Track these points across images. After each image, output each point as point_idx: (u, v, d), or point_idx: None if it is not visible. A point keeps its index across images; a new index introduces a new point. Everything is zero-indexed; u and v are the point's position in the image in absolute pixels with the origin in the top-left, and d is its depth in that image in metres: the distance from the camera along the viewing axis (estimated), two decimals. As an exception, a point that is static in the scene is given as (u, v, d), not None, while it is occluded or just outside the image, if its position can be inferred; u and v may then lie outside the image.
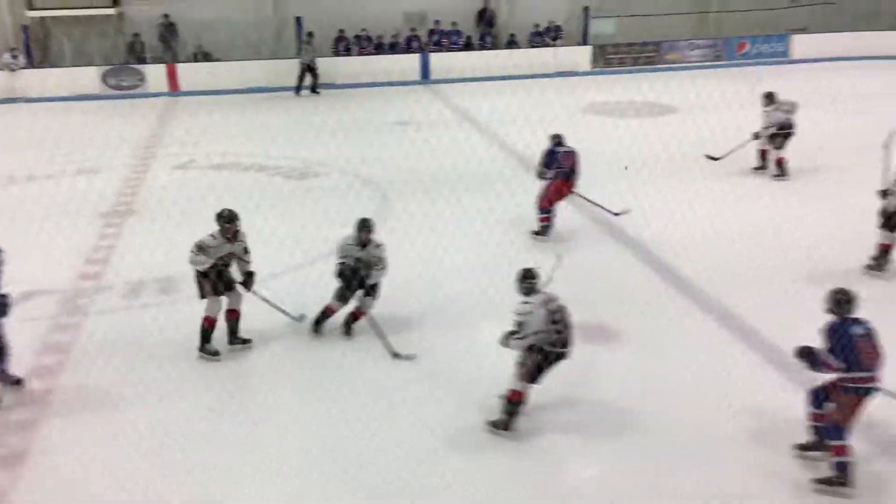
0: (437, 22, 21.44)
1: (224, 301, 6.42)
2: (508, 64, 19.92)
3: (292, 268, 8.20)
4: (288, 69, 18.71)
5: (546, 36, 22.02)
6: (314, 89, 18.57)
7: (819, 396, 5.03)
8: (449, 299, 7.41)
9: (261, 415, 5.67)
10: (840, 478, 4.79)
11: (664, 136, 11.45)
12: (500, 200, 8.68)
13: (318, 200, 8.88)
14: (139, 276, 7.93)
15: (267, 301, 6.68)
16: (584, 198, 8.92)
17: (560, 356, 5.32)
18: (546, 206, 8.80)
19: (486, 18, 21.54)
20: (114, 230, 9.42)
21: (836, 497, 4.72)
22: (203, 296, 6.34)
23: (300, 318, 6.90)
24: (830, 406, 4.90)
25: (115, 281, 7.95)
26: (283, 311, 6.80)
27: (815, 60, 20.78)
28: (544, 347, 5.23)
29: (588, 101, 16.43)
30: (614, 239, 9.00)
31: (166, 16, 19.64)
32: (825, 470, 4.85)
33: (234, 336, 6.56)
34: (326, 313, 6.78)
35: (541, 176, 8.87)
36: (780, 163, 10.93)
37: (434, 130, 14.65)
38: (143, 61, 19.52)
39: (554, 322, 5.23)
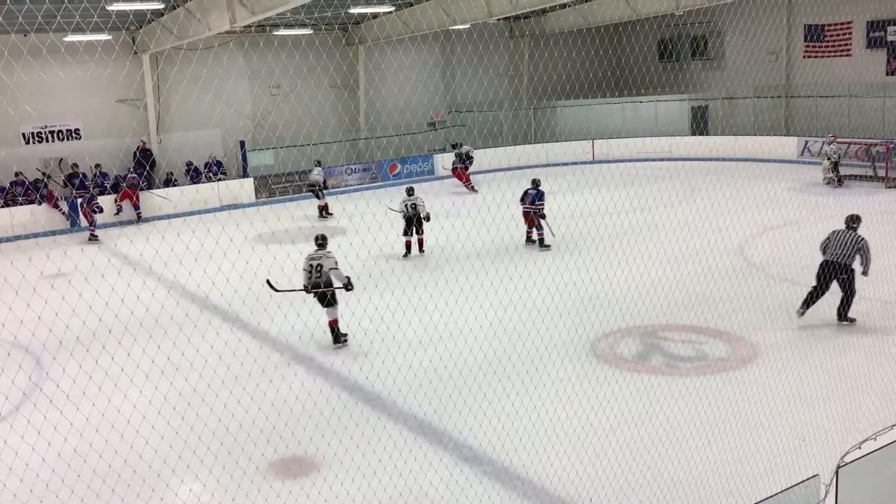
0: (74, 165, 19.92)
1: None
2: (168, 203, 19.22)
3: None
4: None
5: (206, 171, 21.82)
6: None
7: None
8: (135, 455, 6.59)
9: None
10: None
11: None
12: (174, 347, 8.08)
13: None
14: None
15: None
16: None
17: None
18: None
19: (138, 158, 20.67)
20: None
21: None
22: None
23: None
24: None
25: None
26: None
27: (456, 175, 23.31)
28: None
29: (257, 232, 16.40)
30: (301, 366, 8.87)
31: None
32: None
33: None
34: None
35: None
36: None
37: (90, 281, 13.36)
38: None
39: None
